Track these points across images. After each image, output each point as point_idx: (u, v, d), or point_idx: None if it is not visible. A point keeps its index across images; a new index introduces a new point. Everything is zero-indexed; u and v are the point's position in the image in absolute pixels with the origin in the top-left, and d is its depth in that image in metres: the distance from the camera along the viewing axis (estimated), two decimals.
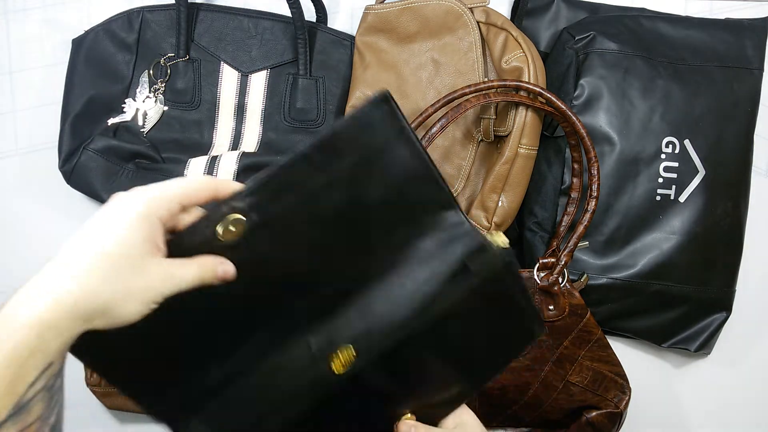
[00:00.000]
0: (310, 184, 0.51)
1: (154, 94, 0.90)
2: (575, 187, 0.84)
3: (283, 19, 0.91)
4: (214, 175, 0.87)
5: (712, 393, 0.97)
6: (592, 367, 0.82)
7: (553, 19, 0.91)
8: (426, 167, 0.54)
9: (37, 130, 0.93)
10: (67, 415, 0.94)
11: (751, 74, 0.88)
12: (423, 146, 0.54)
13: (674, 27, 0.88)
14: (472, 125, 0.87)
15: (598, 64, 0.85)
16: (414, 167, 0.54)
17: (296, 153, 0.50)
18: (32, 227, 0.93)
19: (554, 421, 0.86)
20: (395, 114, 0.52)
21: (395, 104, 0.52)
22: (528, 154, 0.82)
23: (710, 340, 0.91)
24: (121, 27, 0.90)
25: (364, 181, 0.53)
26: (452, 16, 0.86)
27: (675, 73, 0.86)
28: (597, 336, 0.82)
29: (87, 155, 0.87)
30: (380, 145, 0.52)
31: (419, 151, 0.54)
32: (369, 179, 0.53)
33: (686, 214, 0.86)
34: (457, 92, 0.80)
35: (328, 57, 0.92)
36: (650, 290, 0.87)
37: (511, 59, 0.82)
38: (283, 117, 0.91)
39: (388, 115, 0.52)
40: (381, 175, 0.53)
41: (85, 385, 0.88)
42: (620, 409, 0.83)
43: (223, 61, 0.91)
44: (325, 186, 0.51)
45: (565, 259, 0.81)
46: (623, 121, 0.85)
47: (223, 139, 0.91)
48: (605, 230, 0.86)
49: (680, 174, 0.86)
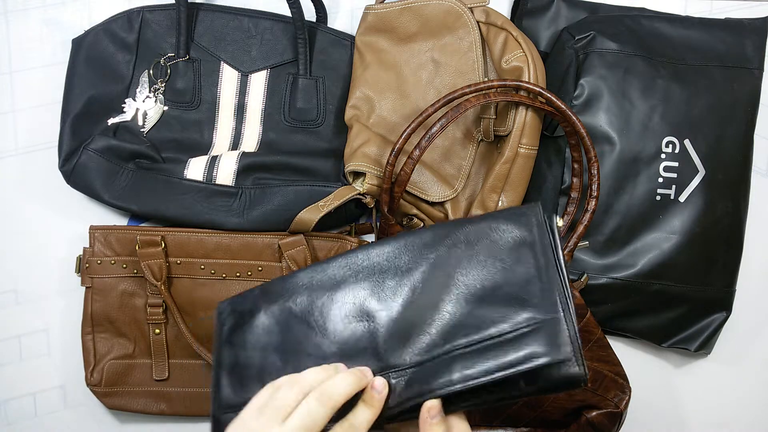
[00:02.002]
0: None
1: (154, 94, 0.90)
2: (575, 186, 0.84)
3: (283, 19, 0.91)
4: (214, 175, 0.87)
5: (713, 393, 0.97)
6: (593, 367, 0.82)
7: (553, 19, 0.91)
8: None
9: (37, 129, 0.93)
10: (67, 415, 0.94)
11: (751, 74, 0.88)
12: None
13: (674, 27, 0.88)
14: (472, 125, 0.87)
15: (598, 64, 0.85)
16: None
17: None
18: (32, 227, 0.93)
19: (554, 421, 0.86)
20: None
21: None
22: (528, 153, 0.82)
23: (710, 340, 0.91)
24: (121, 27, 0.90)
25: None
26: (452, 15, 0.86)
27: (675, 72, 0.86)
28: (597, 336, 0.82)
29: (87, 155, 0.87)
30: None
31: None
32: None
33: (686, 213, 0.86)
34: (457, 92, 0.80)
35: (328, 57, 0.92)
36: (650, 290, 0.87)
37: (511, 59, 0.82)
38: (283, 117, 0.91)
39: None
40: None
41: (85, 385, 0.88)
42: (620, 409, 0.83)
43: (223, 60, 0.91)
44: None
45: (566, 258, 0.81)
46: (623, 120, 0.85)
47: (223, 139, 0.91)
48: (605, 230, 0.86)
49: (680, 174, 0.86)
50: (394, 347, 0.59)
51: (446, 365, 0.56)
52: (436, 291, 0.60)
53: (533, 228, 0.60)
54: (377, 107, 0.89)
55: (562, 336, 0.54)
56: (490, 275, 0.59)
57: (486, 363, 0.55)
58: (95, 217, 0.92)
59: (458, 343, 0.57)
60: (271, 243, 0.87)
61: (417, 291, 0.61)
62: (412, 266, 0.62)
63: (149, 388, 0.89)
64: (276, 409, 0.54)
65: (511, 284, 0.58)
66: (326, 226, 0.89)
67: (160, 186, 0.87)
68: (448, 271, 0.60)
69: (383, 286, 0.62)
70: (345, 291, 0.63)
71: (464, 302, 0.58)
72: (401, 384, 0.58)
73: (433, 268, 0.61)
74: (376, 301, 0.61)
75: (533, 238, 0.59)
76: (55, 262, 0.92)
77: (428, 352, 0.57)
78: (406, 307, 0.60)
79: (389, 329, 0.60)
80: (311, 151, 0.90)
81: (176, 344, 0.89)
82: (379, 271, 0.63)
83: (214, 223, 0.86)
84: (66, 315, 0.92)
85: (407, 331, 0.59)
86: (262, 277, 0.87)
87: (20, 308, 0.93)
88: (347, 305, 0.62)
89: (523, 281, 0.57)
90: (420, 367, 0.57)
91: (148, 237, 0.86)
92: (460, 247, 0.61)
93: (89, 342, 0.88)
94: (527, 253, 0.59)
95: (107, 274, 0.87)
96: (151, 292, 0.87)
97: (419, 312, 0.59)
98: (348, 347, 0.61)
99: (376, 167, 0.84)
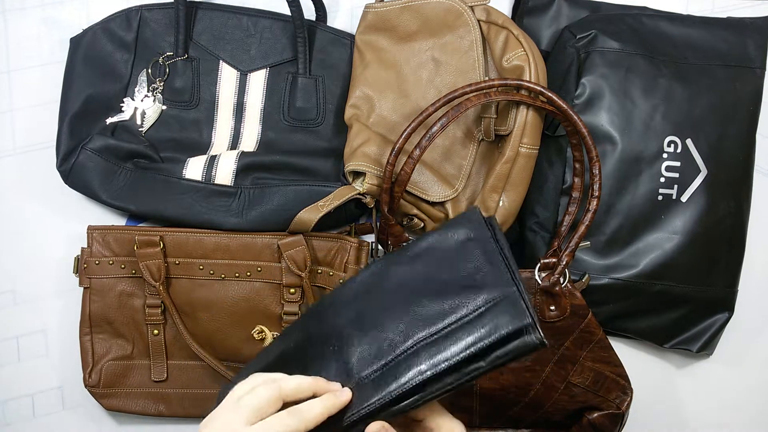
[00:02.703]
0: None
1: (152, 93, 0.90)
2: (577, 186, 0.83)
3: (282, 18, 0.91)
4: (213, 175, 0.87)
5: (714, 394, 0.97)
6: (594, 368, 0.82)
7: (555, 18, 0.91)
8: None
9: (34, 129, 0.92)
10: (66, 416, 0.94)
11: (753, 73, 0.87)
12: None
13: (676, 25, 0.88)
14: (472, 124, 0.87)
15: (599, 63, 0.85)
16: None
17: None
18: (30, 227, 0.92)
19: (555, 422, 0.86)
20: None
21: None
22: (529, 153, 0.82)
23: (712, 341, 0.90)
24: (119, 26, 0.89)
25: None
26: (453, 14, 0.86)
27: (677, 71, 0.85)
28: (599, 336, 0.81)
29: (85, 155, 0.86)
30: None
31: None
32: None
33: (688, 213, 0.86)
34: (457, 91, 0.80)
35: (328, 56, 0.91)
36: (652, 290, 0.86)
37: (512, 58, 0.82)
38: (282, 116, 0.91)
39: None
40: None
41: (83, 386, 0.88)
42: (622, 410, 0.83)
43: (222, 59, 0.91)
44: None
45: (567, 259, 0.80)
46: (625, 120, 0.85)
47: (222, 139, 0.91)
48: (607, 230, 0.86)
49: (682, 173, 0.85)
50: (362, 363, 0.62)
51: (413, 359, 0.60)
52: (398, 300, 0.64)
53: (474, 226, 0.67)
54: (377, 106, 0.88)
55: (520, 305, 0.59)
56: (441, 274, 0.64)
57: (453, 346, 0.59)
58: (93, 217, 0.91)
59: (420, 336, 0.60)
60: (270, 243, 0.87)
61: (382, 307, 0.65)
62: (380, 284, 0.68)
63: (147, 389, 0.89)
64: (248, 407, 0.58)
65: (462, 276, 0.63)
66: (326, 226, 0.88)
67: (159, 186, 0.86)
68: (409, 278, 0.66)
69: (352, 314, 0.67)
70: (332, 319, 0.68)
71: (420, 302, 0.63)
72: (370, 386, 0.60)
73: (397, 282, 0.67)
74: (352, 328, 0.66)
75: (475, 234, 0.66)
76: (53, 262, 0.92)
77: (392, 352, 0.61)
78: (369, 326, 0.64)
79: (359, 352, 0.63)
80: (311, 151, 0.90)
81: (175, 345, 0.88)
82: (353, 298, 0.68)
83: (212, 223, 0.86)
84: (64, 315, 0.92)
85: (371, 345, 0.63)
86: (261, 278, 0.86)
87: (18, 309, 0.92)
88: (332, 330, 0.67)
89: (474, 270, 0.63)
90: (386, 367, 0.60)
91: (146, 237, 0.86)
92: (418, 258, 0.67)
93: (87, 343, 0.88)
94: (472, 247, 0.65)
95: (105, 275, 0.87)
96: (149, 293, 0.86)
97: (379, 324, 0.64)
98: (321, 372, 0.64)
99: (376, 167, 0.84)
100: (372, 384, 0.60)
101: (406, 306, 0.63)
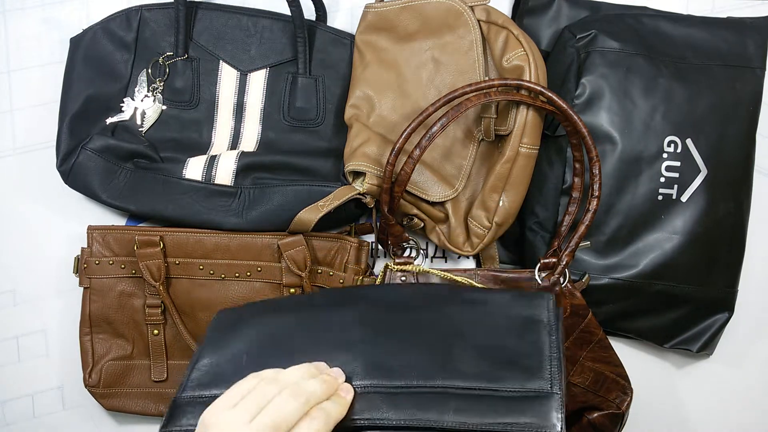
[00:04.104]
0: None
1: (152, 93, 0.90)
2: (577, 186, 0.83)
3: (282, 18, 0.91)
4: (213, 175, 0.87)
5: (714, 394, 0.96)
6: (594, 368, 0.82)
7: (555, 18, 0.91)
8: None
9: (34, 129, 0.92)
10: (66, 416, 0.94)
11: (754, 73, 0.87)
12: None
13: (676, 25, 0.88)
14: (472, 124, 0.87)
15: (599, 63, 0.84)
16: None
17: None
18: (29, 227, 0.92)
19: None
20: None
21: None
22: (529, 153, 0.82)
23: (712, 341, 0.90)
24: (119, 26, 0.89)
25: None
26: (452, 14, 0.86)
27: (677, 72, 0.85)
28: (599, 337, 0.81)
29: (85, 155, 0.86)
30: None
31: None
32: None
33: (688, 213, 0.86)
34: (457, 91, 0.80)
35: (328, 56, 0.91)
36: (652, 290, 0.86)
37: (512, 58, 0.82)
38: (282, 116, 0.91)
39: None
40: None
41: (83, 386, 0.88)
42: (622, 410, 0.83)
43: (222, 59, 0.91)
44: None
45: (567, 259, 0.80)
46: (625, 120, 0.85)
47: (222, 139, 0.91)
48: (607, 230, 0.86)
49: (682, 173, 0.85)
50: (378, 367, 0.63)
51: (441, 401, 0.59)
52: (438, 333, 0.65)
53: (545, 310, 0.67)
54: (377, 106, 0.88)
55: (556, 413, 0.58)
56: (499, 336, 0.64)
57: (482, 414, 0.58)
58: (93, 217, 0.91)
59: (455, 384, 0.60)
60: (270, 243, 0.86)
61: (419, 328, 0.66)
62: (420, 307, 0.69)
63: (148, 389, 0.89)
64: (251, 403, 0.56)
65: (518, 350, 0.63)
66: (326, 226, 0.88)
67: (159, 186, 0.86)
68: (457, 320, 0.67)
69: (382, 317, 0.68)
70: (343, 311, 0.69)
71: (466, 350, 0.63)
72: (386, 400, 0.60)
73: (442, 316, 0.67)
74: (371, 328, 0.67)
75: (546, 317, 0.66)
76: (53, 262, 0.92)
77: (423, 381, 0.61)
78: (403, 338, 0.65)
79: (374, 353, 0.64)
80: (311, 151, 0.90)
81: (175, 345, 0.88)
82: (385, 306, 0.70)
83: (212, 223, 0.86)
84: (64, 315, 0.92)
85: (396, 357, 0.63)
86: (261, 278, 0.86)
87: (18, 309, 0.92)
88: (341, 322, 0.68)
89: (531, 352, 0.63)
90: (410, 391, 0.60)
91: (146, 237, 0.86)
92: (473, 306, 0.68)
93: (87, 343, 0.88)
94: (538, 329, 0.65)
95: (105, 275, 0.87)
96: (149, 293, 0.86)
97: (416, 346, 0.64)
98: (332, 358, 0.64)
99: (376, 167, 0.84)
100: (386, 398, 0.60)
101: (446, 344, 0.63)
